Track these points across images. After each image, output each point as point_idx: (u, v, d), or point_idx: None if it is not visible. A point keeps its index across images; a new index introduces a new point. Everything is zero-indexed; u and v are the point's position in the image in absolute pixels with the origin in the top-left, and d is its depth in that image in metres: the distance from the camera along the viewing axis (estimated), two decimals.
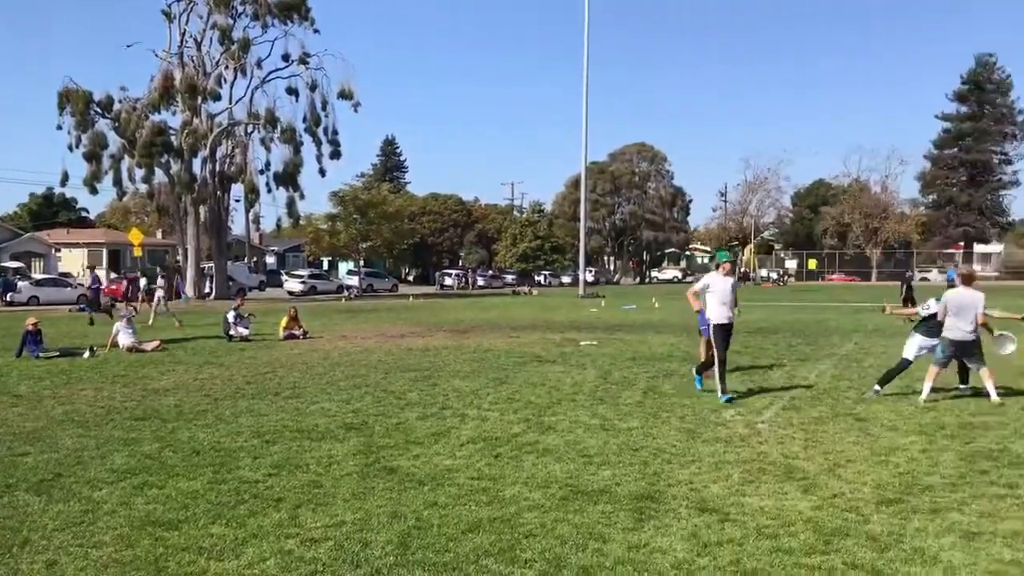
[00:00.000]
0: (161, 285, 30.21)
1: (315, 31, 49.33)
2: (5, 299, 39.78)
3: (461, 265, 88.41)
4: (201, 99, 46.33)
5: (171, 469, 7.30)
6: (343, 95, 49.25)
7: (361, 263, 60.98)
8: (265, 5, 46.37)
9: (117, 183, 47.14)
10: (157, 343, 17.92)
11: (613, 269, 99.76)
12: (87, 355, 16.29)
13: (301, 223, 56.21)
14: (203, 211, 47.69)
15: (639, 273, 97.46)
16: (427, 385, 12.30)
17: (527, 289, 61.86)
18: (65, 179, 47.03)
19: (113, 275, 51.32)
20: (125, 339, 17.58)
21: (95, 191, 46.57)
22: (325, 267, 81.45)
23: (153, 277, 38.10)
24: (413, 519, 5.81)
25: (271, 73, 48.73)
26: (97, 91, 45.02)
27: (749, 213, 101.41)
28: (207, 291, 48.00)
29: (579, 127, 51.76)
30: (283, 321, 21.09)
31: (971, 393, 10.78)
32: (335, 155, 50.77)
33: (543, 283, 77.73)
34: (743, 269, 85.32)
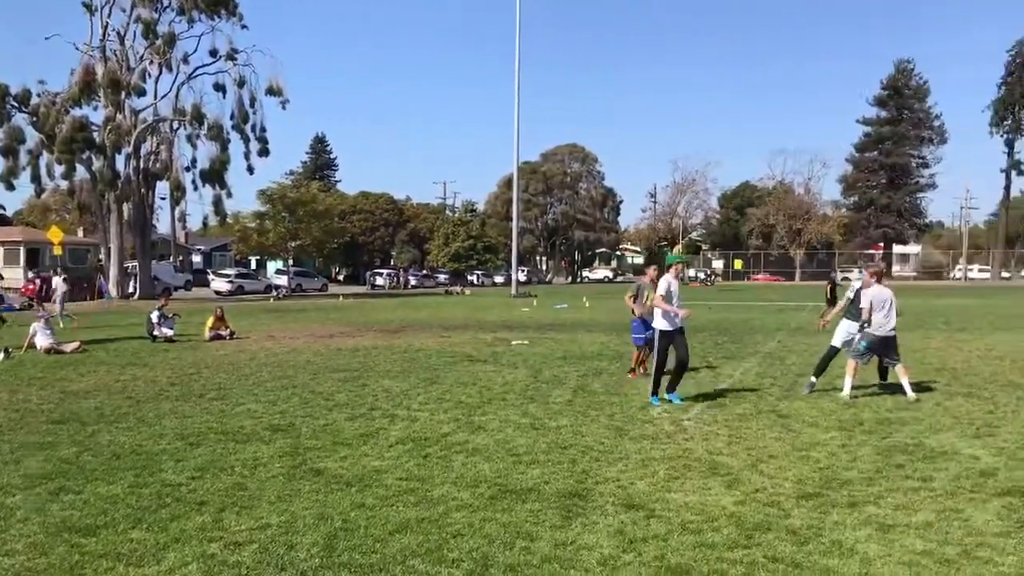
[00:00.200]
0: (59, 284, 28.82)
1: (243, 27, 48.46)
2: None
3: (393, 265, 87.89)
4: (125, 94, 45.05)
5: (90, 473, 7.10)
6: (271, 92, 48.49)
7: (290, 262, 60.05)
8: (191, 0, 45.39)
9: (35, 179, 45.56)
10: (77, 344, 17.39)
11: (545, 269, 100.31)
12: (1, 357, 15.72)
13: (228, 222, 55.12)
14: (127, 209, 46.39)
15: (571, 273, 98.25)
16: (356, 386, 12.20)
17: (459, 289, 61.78)
18: None
19: (30, 274, 49.60)
20: (43, 340, 17.02)
21: (11, 187, 44.99)
22: (253, 266, 79.96)
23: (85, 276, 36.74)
24: (340, 521, 5.76)
25: (198, 69, 47.73)
26: (13, 84, 43.52)
27: (677, 214, 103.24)
28: (131, 291, 46.77)
29: (511, 127, 51.86)
30: (209, 321, 20.69)
31: (889, 390, 11.13)
32: (263, 152, 49.97)
33: (476, 283, 77.82)
34: None
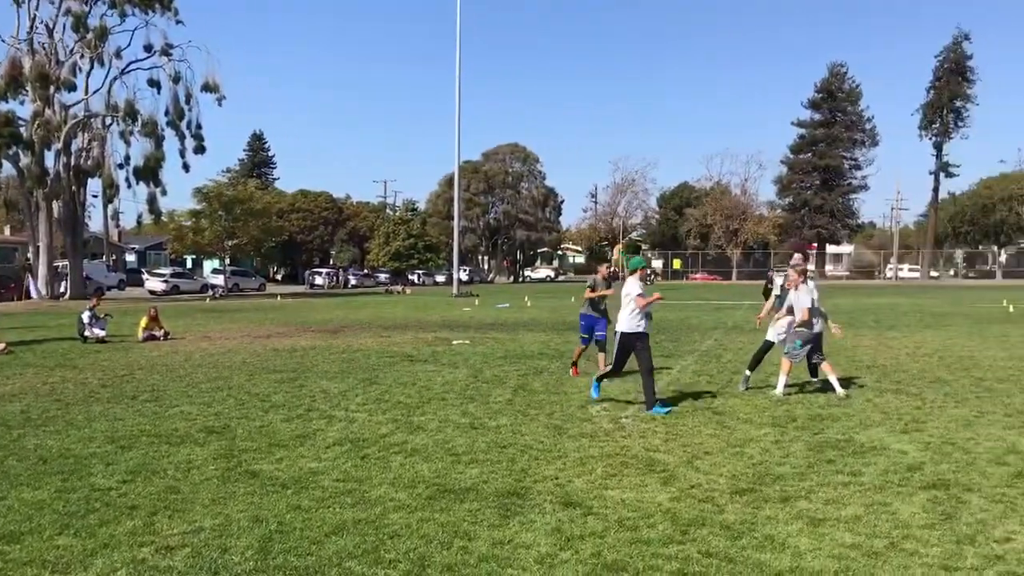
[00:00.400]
0: None
1: (178, 22, 47.55)
2: None
3: (332, 264, 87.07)
4: (54, 89, 43.77)
5: (15, 479, 6.89)
6: (207, 88, 47.67)
7: (227, 261, 59.04)
8: None
9: None
10: (3, 346, 16.87)
11: (487, 268, 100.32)
12: None
13: (163, 220, 54.06)
14: (56, 207, 45.12)
15: (513, 272, 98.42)
16: (293, 387, 12.05)
17: (400, 288, 61.42)
18: None
19: None
20: None
21: None
22: (189, 266, 78.51)
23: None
24: (275, 523, 5.69)
25: (131, 64, 46.69)
26: None
27: (618, 214, 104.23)
28: (62, 291, 45.53)
29: (453, 126, 51.71)
30: (143, 321, 20.24)
31: (821, 387, 11.38)
32: (199, 150, 49.10)
33: (417, 282, 77.41)
34: (613, 269, 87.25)
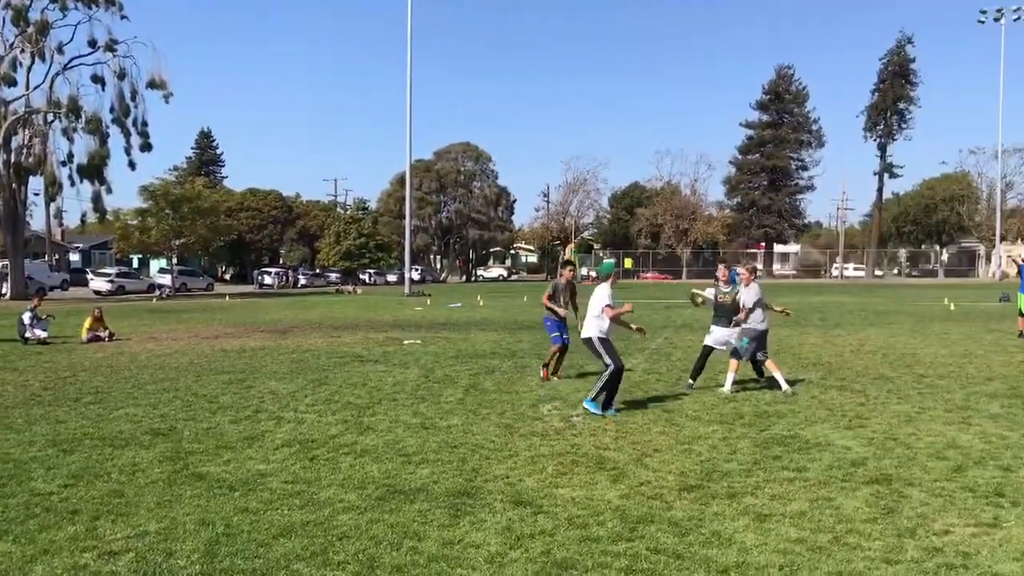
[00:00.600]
0: None
1: (123, 17, 46.73)
2: None
3: (282, 263, 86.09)
4: None
5: None
6: (153, 85, 46.87)
7: (174, 261, 58.06)
8: None
9: None
10: None
11: (440, 267, 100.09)
12: None
13: (108, 219, 53.04)
14: None
15: (465, 271, 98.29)
16: (241, 388, 11.89)
17: (351, 288, 60.97)
18: None
19: None
20: None
21: None
22: (135, 265, 77.03)
23: None
24: (222, 526, 5.61)
25: (74, 59, 45.69)
26: None
27: (570, 214, 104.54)
28: (2, 291, 44.41)
29: (404, 124, 51.52)
30: (87, 322, 19.83)
31: (768, 385, 11.54)
32: (145, 147, 48.29)
33: (368, 282, 76.97)
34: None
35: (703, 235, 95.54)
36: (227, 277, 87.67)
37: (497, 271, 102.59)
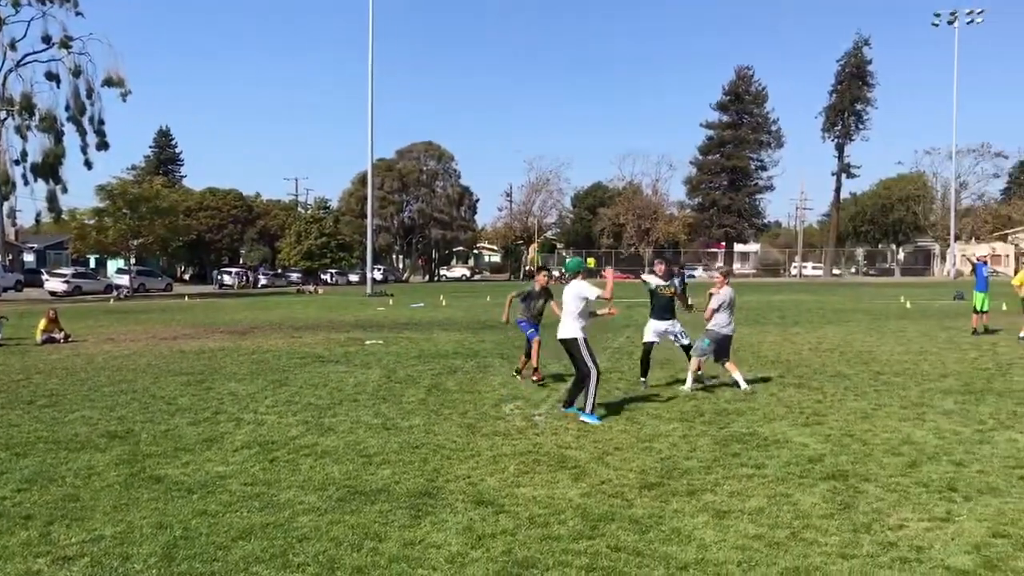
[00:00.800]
0: None
1: (78, 13, 46.01)
2: None
3: (242, 263, 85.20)
4: None
5: None
6: (110, 83, 46.21)
7: (132, 261, 57.19)
8: None
9: None
10: None
11: (402, 267, 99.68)
12: None
13: (64, 218, 52.05)
14: None
15: (428, 271, 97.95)
16: (200, 389, 11.75)
17: (313, 288, 60.47)
18: None
19: None
20: None
21: None
22: (92, 265, 75.73)
23: None
24: (180, 529, 5.54)
25: (27, 56, 44.98)
26: None
27: (533, 213, 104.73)
28: None
29: (365, 123, 51.26)
30: (41, 324, 19.46)
31: (727, 384, 11.65)
32: (102, 146, 47.64)
33: (330, 282, 76.39)
34: (528, 268, 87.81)
35: (665, 235, 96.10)
36: (186, 277, 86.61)
37: (460, 271, 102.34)
